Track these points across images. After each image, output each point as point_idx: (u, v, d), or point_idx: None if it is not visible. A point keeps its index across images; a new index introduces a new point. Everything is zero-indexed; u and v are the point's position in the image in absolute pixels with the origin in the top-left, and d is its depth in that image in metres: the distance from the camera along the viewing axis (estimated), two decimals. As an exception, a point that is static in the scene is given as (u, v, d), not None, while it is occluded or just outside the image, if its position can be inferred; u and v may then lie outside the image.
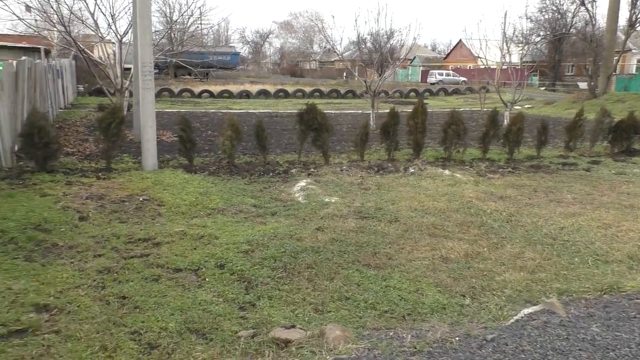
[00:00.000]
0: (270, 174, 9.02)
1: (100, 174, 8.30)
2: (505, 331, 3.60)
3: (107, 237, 5.62)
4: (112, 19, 11.71)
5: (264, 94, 31.39)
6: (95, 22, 11.67)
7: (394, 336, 3.57)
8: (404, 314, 4.01)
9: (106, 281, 4.43)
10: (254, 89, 32.67)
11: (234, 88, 32.66)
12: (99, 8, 11.51)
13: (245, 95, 30.67)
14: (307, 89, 33.58)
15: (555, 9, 35.23)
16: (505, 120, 17.53)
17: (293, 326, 3.67)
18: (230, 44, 72.72)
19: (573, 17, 35.51)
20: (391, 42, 14.42)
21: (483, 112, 21.89)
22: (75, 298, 4.06)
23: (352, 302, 4.19)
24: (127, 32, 12.31)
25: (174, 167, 9.20)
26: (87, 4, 11.44)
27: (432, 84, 49.68)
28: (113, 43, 12.83)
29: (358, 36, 15.46)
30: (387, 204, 7.23)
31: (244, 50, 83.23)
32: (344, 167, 9.72)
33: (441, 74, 54.26)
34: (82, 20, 11.84)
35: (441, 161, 10.72)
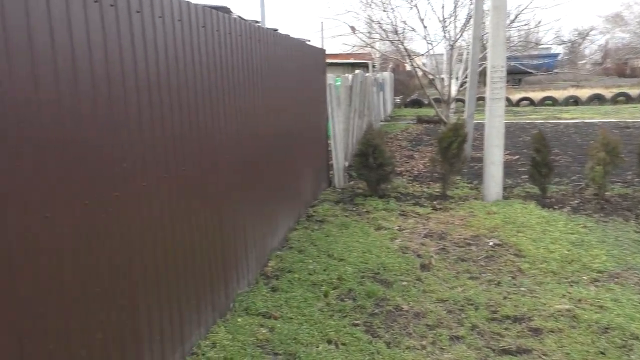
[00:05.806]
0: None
1: (435, 202, 7.01)
2: None
3: (460, 303, 4.12)
4: (444, 23, 10.57)
5: (597, 99, 26.24)
6: (425, 27, 10.77)
7: None
8: None
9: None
10: (582, 94, 27.74)
11: (557, 94, 28.40)
12: (433, 11, 10.50)
13: (573, 101, 26.19)
14: (659, 92, 26.56)
15: None
16: None
17: None
18: (542, 46, 65.87)
19: None
20: None
21: None
22: None
23: None
24: (462, 34, 11.02)
25: (520, 197, 7.25)
26: (418, 10, 10.56)
27: None
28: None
29: None
30: None
31: (559, 52, 74.61)
32: None
33: None
34: (413, 28, 11.08)
35: None
